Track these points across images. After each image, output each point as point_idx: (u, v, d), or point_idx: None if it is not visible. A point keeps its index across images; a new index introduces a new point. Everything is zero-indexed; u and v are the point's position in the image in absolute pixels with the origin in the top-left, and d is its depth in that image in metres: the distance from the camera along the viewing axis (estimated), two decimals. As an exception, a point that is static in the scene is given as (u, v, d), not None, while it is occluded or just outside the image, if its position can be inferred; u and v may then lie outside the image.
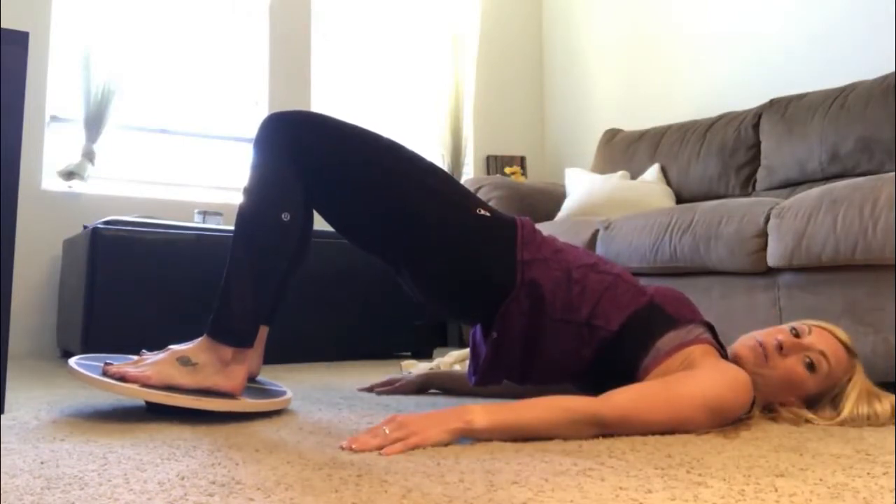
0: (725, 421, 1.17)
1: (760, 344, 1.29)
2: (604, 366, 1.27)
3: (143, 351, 1.34)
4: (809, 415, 1.27)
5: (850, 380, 1.28)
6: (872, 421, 1.26)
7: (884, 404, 1.27)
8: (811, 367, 1.26)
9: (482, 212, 1.33)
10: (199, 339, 1.28)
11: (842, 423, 1.25)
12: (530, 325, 1.28)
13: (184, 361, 1.25)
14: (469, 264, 1.30)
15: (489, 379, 1.36)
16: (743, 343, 1.34)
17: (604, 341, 1.26)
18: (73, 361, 1.32)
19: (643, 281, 2.26)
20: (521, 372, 1.34)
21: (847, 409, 1.26)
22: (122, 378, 1.22)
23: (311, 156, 1.30)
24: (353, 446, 1.01)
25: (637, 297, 1.30)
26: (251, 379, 1.48)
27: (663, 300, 1.31)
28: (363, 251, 1.44)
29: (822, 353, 1.26)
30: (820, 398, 1.29)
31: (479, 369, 1.35)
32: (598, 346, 1.27)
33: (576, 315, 1.27)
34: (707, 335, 1.28)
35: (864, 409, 1.26)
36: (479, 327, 1.39)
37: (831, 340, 1.29)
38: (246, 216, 1.30)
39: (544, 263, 1.30)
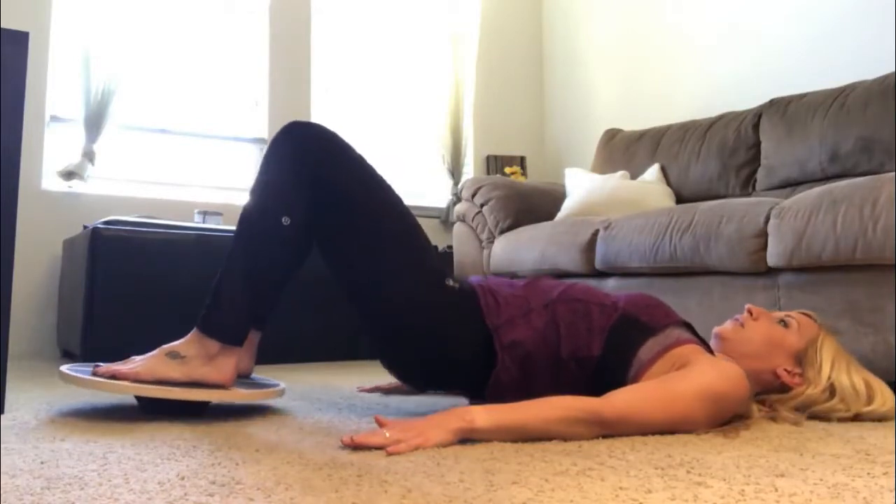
0: (724, 415, 1.18)
1: (734, 319, 1.42)
2: (595, 386, 1.27)
3: (132, 357, 1.34)
4: (808, 390, 1.31)
5: (821, 342, 1.35)
6: (859, 396, 1.30)
7: (868, 382, 1.32)
8: (784, 323, 1.38)
9: (451, 283, 1.33)
10: (190, 333, 1.28)
11: (831, 392, 1.30)
12: (521, 384, 1.27)
13: (173, 356, 1.26)
14: (449, 346, 1.29)
15: None
16: (723, 329, 1.41)
17: (591, 368, 1.26)
18: (64, 368, 1.33)
19: (642, 281, 2.27)
20: None
21: (826, 368, 1.31)
22: (113, 376, 1.23)
23: (316, 172, 1.30)
24: (355, 438, 1.01)
25: (609, 314, 1.29)
26: (243, 377, 1.48)
27: (636, 309, 1.30)
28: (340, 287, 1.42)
29: (788, 315, 1.40)
30: (805, 356, 1.34)
31: None
32: (588, 373, 1.27)
33: (558, 355, 1.26)
34: (687, 334, 1.28)
35: (843, 377, 1.31)
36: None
37: (792, 312, 1.43)
38: (248, 215, 1.31)
39: (512, 324, 1.28)
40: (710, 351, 1.31)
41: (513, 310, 1.30)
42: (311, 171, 1.29)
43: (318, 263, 1.40)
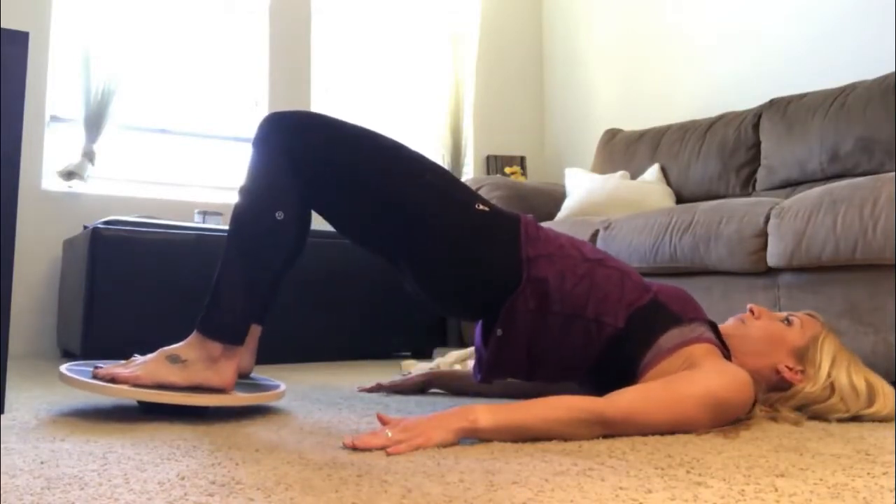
0: (726, 419, 1.18)
1: (737, 317, 1.43)
2: (606, 361, 1.28)
3: (135, 355, 1.34)
4: (808, 388, 1.30)
5: (823, 340, 1.34)
6: (859, 396, 1.29)
7: (871, 383, 1.31)
8: (787, 321, 1.37)
9: (482, 207, 1.34)
10: (190, 336, 1.28)
11: (831, 390, 1.29)
12: (536, 321, 1.28)
13: (173, 359, 1.25)
14: (472, 263, 1.30)
15: (494, 375, 1.36)
16: (725, 326, 1.40)
17: (610, 338, 1.27)
18: (64, 368, 1.32)
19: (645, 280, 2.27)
20: (527, 368, 1.34)
21: (826, 365, 1.30)
22: (113, 380, 1.23)
23: (309, 156, 1.30)
24: (356, 443, 1.01)
25: (642, 293, 1.30)
26: (244, 377, 1.48)
27: (667, 298, 1.32)
28: (364, 250, 1.43)
29: (792, 314, 1.39)
30: (805, 354, 1.33)
31: (483, 366, 1.35)
32: (605, 342, 1.27)
33: (583, 311, 1.27)
34: (709, 334, 1.28)
35: (843, 375, 1.30)
36: (479, 333, 1.38)
37: (796, 312, 1.41)
38: (240, 214, 1.30)
39: (549, 259, 1.29)
40: (728, 354, 1.31)
41: (552, 248, 1.32)
42: (303, 159, 1.29)
43: (318, 264, 1.40)
